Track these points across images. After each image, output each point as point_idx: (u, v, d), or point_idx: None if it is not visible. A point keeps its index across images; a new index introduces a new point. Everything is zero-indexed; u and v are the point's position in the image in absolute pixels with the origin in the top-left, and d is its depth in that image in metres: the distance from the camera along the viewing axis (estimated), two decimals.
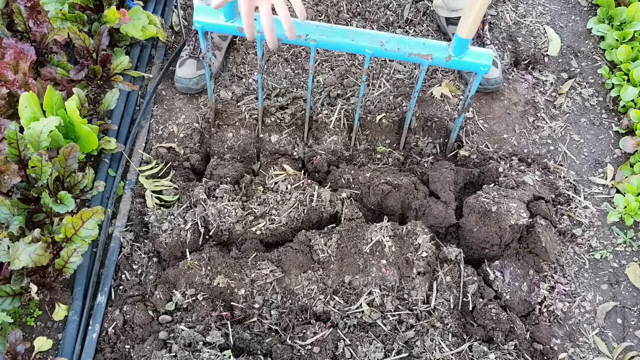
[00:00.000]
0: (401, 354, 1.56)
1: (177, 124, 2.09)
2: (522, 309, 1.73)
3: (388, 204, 1.87)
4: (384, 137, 2.07)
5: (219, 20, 1.66)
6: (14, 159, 1.66)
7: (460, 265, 1.72)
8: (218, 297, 1.65)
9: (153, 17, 2.22)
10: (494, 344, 1.62)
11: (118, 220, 1.81)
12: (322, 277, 1.65)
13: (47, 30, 2.02)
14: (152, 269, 1.74)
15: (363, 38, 1.66)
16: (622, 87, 2.19)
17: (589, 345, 1.71)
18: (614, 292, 1.81)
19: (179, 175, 1.93)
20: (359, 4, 2.49)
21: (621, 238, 1.92)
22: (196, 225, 1.76)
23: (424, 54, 1.66)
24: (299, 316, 1.64)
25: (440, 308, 1.65)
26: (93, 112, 1.99)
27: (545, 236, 1.77)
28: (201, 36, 1.72)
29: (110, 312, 1.63)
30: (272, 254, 1.70)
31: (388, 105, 2.14)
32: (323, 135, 2.02)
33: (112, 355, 1.57)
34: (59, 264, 1.58)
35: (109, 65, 2.07)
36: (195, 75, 2.12)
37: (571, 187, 2.02)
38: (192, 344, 1.53)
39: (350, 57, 2.33)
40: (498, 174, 1.95)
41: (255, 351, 1.57)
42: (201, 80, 2.13)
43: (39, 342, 1.54)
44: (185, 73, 2.12)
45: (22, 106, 1.74)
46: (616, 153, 2.13)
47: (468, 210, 1.82)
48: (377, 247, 1.67)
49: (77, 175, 1.75)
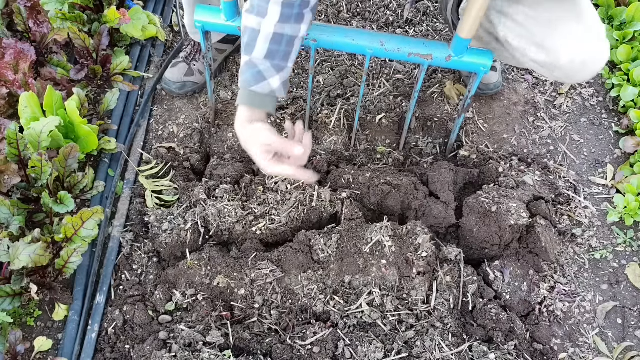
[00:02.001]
0: (401, 354, 1.56)
1: (177, 124, 2.09)
2: (522, 309, 1.73)
3: (388, 204, 1.87)
4: (384, 137, 2.07)
5: (219, 19, 1.66)
6: (14, 159, 1.66)
7: (460, 265, 1.72)
8: (218, 297, 1.65)
9: (153, 17, 2.23)
10: (494, 344, 1.62)
11: (117, 220, 1.81)
12: (322, 277, 1.65)
13: (47, 30, 2.02)
14: (152, 269, 1.74)
15: (363, 38, 1.66)
16: (622, 87, 2.19)
17: (589, 345, 1.71)
18: (614, 292, 1.81)
19: (179, 175, 1.93)
20: (359, 4, 2.49)
21: (621, 238, 1.92)
22: (196, 225, 1.76)
23: (424, 54, 1.66)
24: (299, 316, 1.64)
25: (440, 308, 1.65)
26: (93, 112, 1.99)
27: (545, 236, 1.77)
28: (201, 36, 1.72)
29: (110, 312, 1.63)
30: (272, 254, 1.70)
31: (388, 105, 2.14)
32: (323, 136, 2.02)
33: (112, 356, 1.57)
34: (59, 264, 1.58)
35: (109, 65, 2.07)
36: (180, 80, 2.11)
37: (571, 187, 2.02)
38: (192, 344, 1.53)
39: (350, 57, 2.33)
40: (498, 174, 1.95)
41: (255, 351, 1.57)
42: (185, 87, 2.12)
43: (39, 342, 1.54)
44: (171, 75, 2.12)
45: (22, 106, 1.74)
46: (616, 153, 2.13)
47: (468, 210, 1.82)
48: (377, 247, 1.67)
49: (77, 176, 1.75)
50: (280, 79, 1.45)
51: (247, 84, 1.43)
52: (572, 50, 1.53)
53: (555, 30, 1.52)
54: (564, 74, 1.59)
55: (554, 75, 1.62)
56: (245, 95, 1.44)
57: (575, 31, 1.52)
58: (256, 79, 1.43)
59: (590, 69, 1.58)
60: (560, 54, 1.53)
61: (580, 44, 1.53)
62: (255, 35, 1.41)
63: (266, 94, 1.45)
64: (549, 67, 1.59)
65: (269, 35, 1.40)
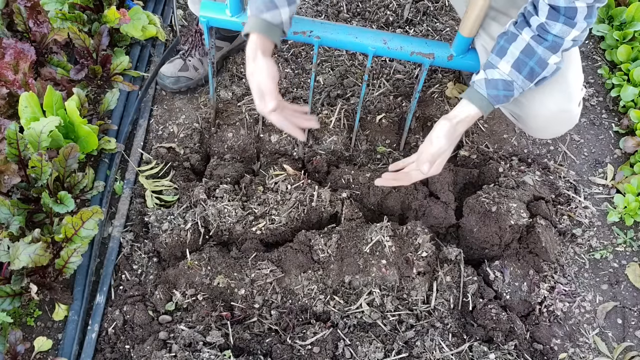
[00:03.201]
0: (401, 354, 1.56)
1: (177, 124, 2.09)
2: (522, 309, 1.73)
3: (388, 204, 1.87)
4: (384, 137, 2.07)
5: (224, 15, 1.66)
6: (14, 159, 1.66)
7: (460, 265, 1.71)
8: (218, 297, 1.65)
9: (153, 17, 2.23)
10: (494, 344, 1.62)
11: (117, 220, 1.81)
12: (322, 277, 1.65)
13: (47, 30, 2.02)
14: (152, 269, 1.74)
15: (366, 36, 1.66)
16: (622, 87, 2.19)
17: (589, 345, 1.71)
18: (614, 292, 1.81)
19: (179, 175, 1.93)
20: (359, 4, 2.49)
21: (621, 238, 1.92)
22: (196, 225, 1.76)
23: (426, 53, 1.66)
24: (299, 316, 1.64)
25: (440, 308, 1.65)
26: (93, 112, 1.99)
27: (545, 236, 1.77)
28: (206, 31, 1.72)
29: (110, 312, 1.62)
30: (272, 254, 1.70)
31: (388, 105, 2.14)
32: (323, 136, 2.02)
33: (112, 356, 1.57)
34: (59, 264, 1.57)
35: (109, 65, 2.07)
36: (174, 75, 2.12)
37: (571, 187, 2.02)
38: (192, 344, 1.53)
39: (350, 57, 2.33)
40: (498, 174, 1.95)
41: (255, 351, 1.57)
42: (179, 82, 2.12)
43: (39, 342, 1.53)
44: (166, 70, 2.12)
45: (22, 106, 1.74)
46: (616, 153, 2.13)
47: (468, 210, 1.82)
48: (377, 247, 1.67)
49: (77, 175, 1.75)
50: (289, 12, 1.45)
51: (259, 12, 1.42)
52: (539, 114, 1.61)
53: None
54: (531, 130, 1.72)
55: (521, 127, 1.75)
56: (257, 23, 1.43)
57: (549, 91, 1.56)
58: (267, 6, 1.42)
59: (555, 131, 1.72)
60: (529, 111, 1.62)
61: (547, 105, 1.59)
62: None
63: (276, 24, 1.44)
64: (518, 119, 1.70)
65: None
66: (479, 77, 1.51)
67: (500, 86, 1.47)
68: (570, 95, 1.58)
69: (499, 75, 1.46)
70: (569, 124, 1.67)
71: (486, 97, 1.49)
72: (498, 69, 1.46)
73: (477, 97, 1.50)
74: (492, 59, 1.48)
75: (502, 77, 1.46)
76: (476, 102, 1.51)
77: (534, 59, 1.42)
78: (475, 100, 1.51)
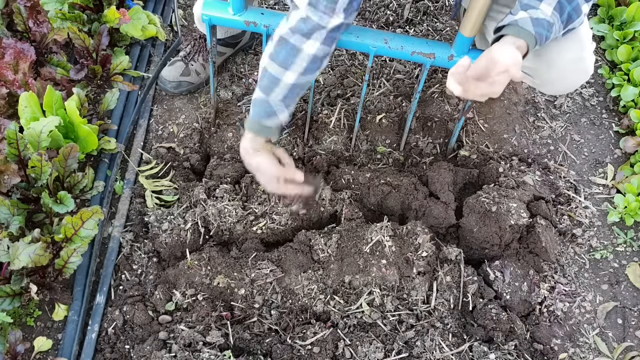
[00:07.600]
0: (401, 354, 1.56)
1: (177, 124, 2.09)
2: (522, 309, 1.73)
3: (388, 205, 1.87)
4: (384, 137, 2.07)
5: (227, 14, 1.65)
6: (14, 159, 1.66)
7: (460, 265, 1.71)
8: (218, 297, 1.65)
9: (153, 16, 2.22)
10: (494, 344, 1.62)
11: (117, 220, 1.81)
12: (322, 277, 1.65)
13: (47, 30, 2.02)
14: (152, 269, 1.74)
15: (368, 35, 1.66)
16: (623, 87, 2.19)
17: (589, 345, 1.71)
18: (614, 292, 1.81)
19: (179, 175, 1.93)
20: None
21: (621, 238, 1.91)
22: (196, 225, 1.76)
23: (427, 53, 1.66)
24: (299, 316, 1.64)
25: (440, 308, 1.65)
26: (93, 112, 1.99)
27: (545, 236, 1.77)
28: (208, 30, 1.72)
29: (110, 312, 1.62)
30: (272, 254, 1.70)
31: (388, 105, 2.14)
32: (323, 135, 2.02)
33: (112, 356, 1.57)
34: (58, 264, 1.57)
35: (108, 65, 2.07)
36: (175, 80, 2.12)
37: (571, 187, 2.02)
38: (192, 344, 1.53)
39: (350, 57, 2.33)
40: (498, 174, 1.95)
41: (255, 351, 1.57)
42: (180, 87, 2.13)
43: (39, 342, 1.53)
44: (167, 74, 2.12)
45: (22, 106, 1.74)
46: (616, 153, 2.13)
47: (468, 210, 1.82)
48: (377, 247, 1.66)
49: (77, 175, 1.75)
50: (289, 113, 1.58)
51: (259, 117, 1.55)
52: (555, 65, 1.58)
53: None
54: (547, 83, 1.68)
55: (536, 82, 1.70)
56: (258, 127, 1.56)
57: (562, 45, 1.55)
58: (268, 114, 1.54)
59: (572, 82, 1.67)
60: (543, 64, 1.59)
61: (565, 56, 1.56)
62: (275, 82, 1.50)
63: (276, 127, 1.57)
64: (534, 75, 1.65)
65: (289, 85, 1.51)
66: (520, 16, 1.40)
67: (546, 26, 1.39)
68: (583, 45, 1.57)
69: (543, 15, 1.39)
70: (583, 75, 1.64)
71: (534, 34, 1.38)
72: (541, 10, 1.39)
73: (525, 33, 1.38)
74: (531, 0, 1.41)
75: (546, 18, 1.39)
76: (525, 37, 1.38)
77: (573, 4, 1.40)
78: (523, 35, 1.38)
